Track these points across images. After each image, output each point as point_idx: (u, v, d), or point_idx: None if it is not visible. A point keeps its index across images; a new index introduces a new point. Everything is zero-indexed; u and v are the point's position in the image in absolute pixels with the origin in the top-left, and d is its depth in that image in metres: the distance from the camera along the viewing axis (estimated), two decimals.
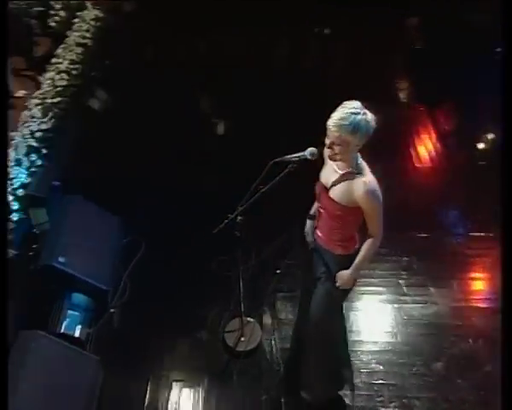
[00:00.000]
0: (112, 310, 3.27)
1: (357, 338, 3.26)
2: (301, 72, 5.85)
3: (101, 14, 5.43)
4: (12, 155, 3.75)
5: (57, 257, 3.06)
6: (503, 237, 2.22)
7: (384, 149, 3.86)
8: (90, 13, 5.44)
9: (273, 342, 3.21)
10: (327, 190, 2.32)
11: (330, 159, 2.25)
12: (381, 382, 3.04)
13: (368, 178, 2.23)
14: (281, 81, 5.40)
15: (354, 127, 2.08)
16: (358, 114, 2.09)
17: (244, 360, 3.08)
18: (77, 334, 3.02)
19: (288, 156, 2.32)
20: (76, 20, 5.27)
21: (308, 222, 2.64)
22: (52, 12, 5.57)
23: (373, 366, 3.13)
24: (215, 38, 6.21)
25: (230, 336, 3.17)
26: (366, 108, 2.14)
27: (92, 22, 5.27)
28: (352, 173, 2.23)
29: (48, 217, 3.46)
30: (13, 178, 3.54)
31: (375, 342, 3.28)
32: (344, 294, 2.58)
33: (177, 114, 4.90)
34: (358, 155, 2.26)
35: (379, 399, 2.94)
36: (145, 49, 6.13)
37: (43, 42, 5.55)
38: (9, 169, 3.63)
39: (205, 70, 5.63)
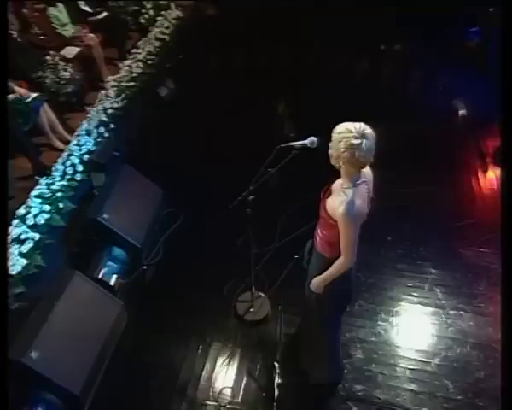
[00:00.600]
0: (144, 267, 3.66)
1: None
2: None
3: (182, 15, 5.94)
4: (85, 125, 4.30)
5: (102, 213, 3.49)
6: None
7: None
8: (173, 13, 5.97)
9: (279, 320, 3.39)
10: (326, 197, 2.41)
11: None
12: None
13: (350, 200, 2.24)
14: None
15: (340, 143, 2.17)
16: (347, 134, 2.15)
17: (250, 329, 3.31)
18: (111, 282, 3.43)
19: (292, 143, 2.51)
20: (159, 17, 5.82)
21: None
22: (143, 10, 6.18)
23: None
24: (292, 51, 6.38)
25: (241, 305, 3.41)
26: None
27: (173, 21, 5.80)
28: (343, 190, 2.29)
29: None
30: (82, 145, 4.07)
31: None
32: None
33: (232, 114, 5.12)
34: (363, 173, 2.31)
35: None
36: (216, 50, 6.51)
37: (133, 36, 6.17)
38: (79, 137, 4.17)
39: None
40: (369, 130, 2.19)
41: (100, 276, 3.36)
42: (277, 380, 3.01)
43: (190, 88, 5.38)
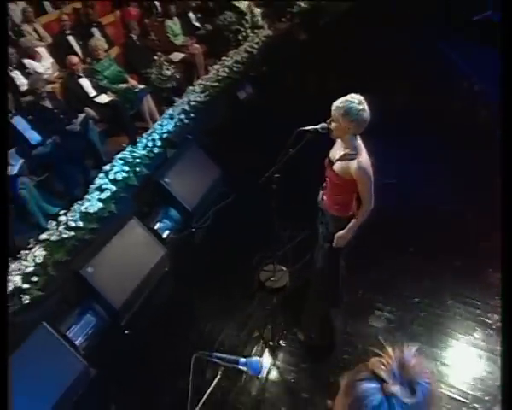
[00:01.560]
0: (193, 229, 4.18)
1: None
2: None
3: (272, 34, 6.51)
4: (169, 111, 4.99)
5: (164, 178, 4.09)
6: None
7: None
8: (265, 32, 6.57)
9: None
10: (332, 163, 2.75)
11: (330, 135, 2.71)
12: None
13: (362, 158, 2.60)
14: None
15: (345, 111, 2.51)
16: (353, 103, 2.50)
17: (268, 294, 3.66)
18: (164, 235, 3.99)
19: (307, 127, 2.86)
20: (252, 34, 6.45)
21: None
22: (242, 29, 6.87)
23: None
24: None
25: (264, 274, 3.76)
26: None
27: (263, 38, 6.38)
28: (351, 154, 2.63)
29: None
30: (163, 126, 4.74)
31: None
32: (337, 250, 2.96)
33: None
34: (357, 137, 2.66)
35: None
36: (296, 70, 6.93)
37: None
38: (163, 119, 4.86)
39: None
40: (361, 97, 2.55)
41: (155, 227, 3.94)
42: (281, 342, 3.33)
43: (265, 96, 5.87)
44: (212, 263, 3.93)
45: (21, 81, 5.41)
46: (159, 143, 4.49)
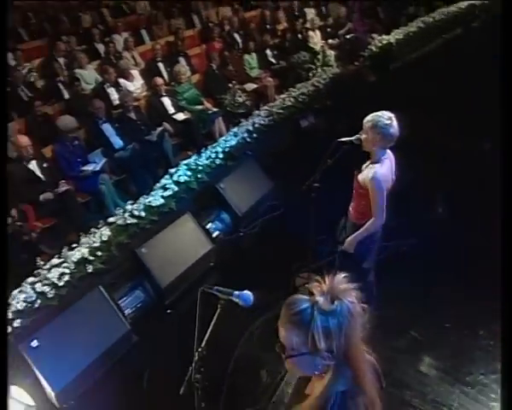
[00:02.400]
0: (241, 233, 4.47)
1: None
2: None
3: (339, 72, 6.83)
4: (235, 129, 5.42)
5: (220, 183, 4.47)
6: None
7: None
8: (333, 70, 6.91)
9: None
10: (358, 173, 2.94)
11: (362, 146, 2.89)
12: None
13: (378, 169, 2.74)
14: None
15: (373, 124, 2.71)
16: (382, 117, 2.70)
17: None
18: (213, 235, 4.33)
19: (344, 139, 3.07)
20: (320, 70, 6.81)
21: None
22: (313, 66, 7.28)
23: None
24: None
25: (299, 280, 3.93)
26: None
27: (331, 75, 6.71)
28: (372, 163, 2.81)
29: None
30: (227, 141, 5.16)
31: None
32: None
33: None
34: (387, 152, 2.82)
35: None
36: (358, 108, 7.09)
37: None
38: (228, 136, 5.28)
39: None
40: (392, 115, 2.73)
41: (207, 226, 4.29)
42: None
43: (327, 127, 6.13)
44: (254, 264, 4.16)
45: (114, 96, 6.18)
46: (221, 156, 4.89)
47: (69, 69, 6.49)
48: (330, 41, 8.51)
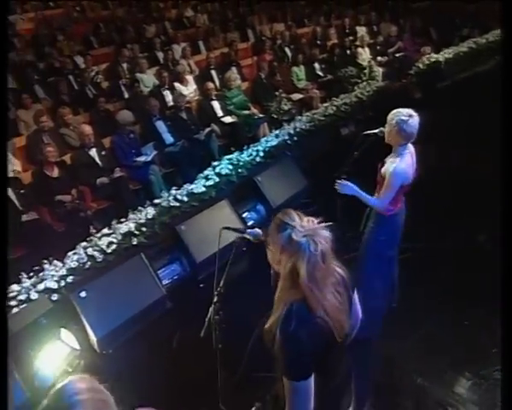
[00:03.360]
0: None
1: None
2: None
3: (383, 86, 7.05)
4: (276, 132, 5.77)
5: (257, 176, 4.81)
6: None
7: None
8: (378, 83, 7.15)
9: None
10: (381, 166, 3.13)
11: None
12: None
13: (398, 164, 2.95)
14: None
15: (392, 118, 2.93)
16: (401, 113, 2.91)
17: None
18: (248, 223, 4.66)
19: (369, 131, 3.31)
20: (364, 84, 7.07)
21: None
22: (359, 81, 7.54)
23: None
24: None
25: None
26: None
27: (375, 88, 6.95)
28: (394, 157, 3.02)
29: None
30: (268, 142, 5.51)
31: None
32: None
33: None
34: (408, 146, 3.02)
35: None
36: None
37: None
38: (269, 137, 5.63)
39: None
40: (414, 113, 2.92)
41: (243, 215, 4.64)
42: None
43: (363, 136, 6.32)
44: None
45: (169, 98, 6.74)
46: (261, 154, 5.25)
47: (131, 73, 7.16)
48: (379, 58, 8.74)
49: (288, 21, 9.85)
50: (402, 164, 2.99)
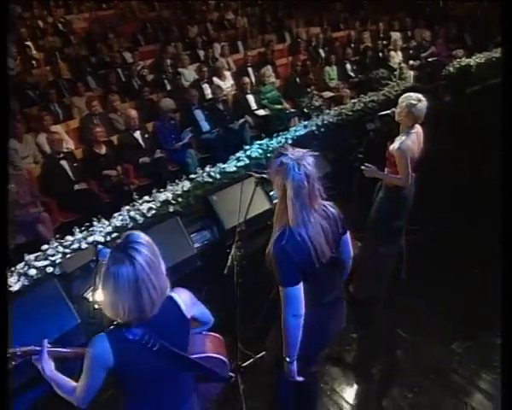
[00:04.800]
0: None
1: None
2: None
3: (411, 85, 7.38)
4: (304, 122, 6.21)
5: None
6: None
7: None
8: (406, 83, 7.48)
9: None
10: (390, 144, 3.50)
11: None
12: None
13: (404, 141, 3.32)
14: None
15: (402, 100, 3.34)
16: (411, 97, 3.29)
17: None
18: (274, 201, 5.10)
19: (383, 112, 3.71)
20: (393, 83, 7.41)
21: None
22: (389, 82, 7.88)
23: None
24: None
25: None
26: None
27: (403, 87, 7.27)
28: (400, 136, 3.41)
29: None
30: (296, 131, 5.96)
31: None
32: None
33: None
34: (416, 127, 3.39)
35: None
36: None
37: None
38: (298, 127, 6.08)
39: None
40: (423, 98, 3.30)
41: (270, 193, 5.10)
42: None
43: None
44: None
45: (208, 91, 7.31)
46: (289, 141, 5.69)
47: (173, 68, 7.79)
48: (411, 62, 9.04)
49: (324, 25, 10.30)
50: (407, 141, 3.36)
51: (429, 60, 9.23)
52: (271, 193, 4.99)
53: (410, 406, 3.11)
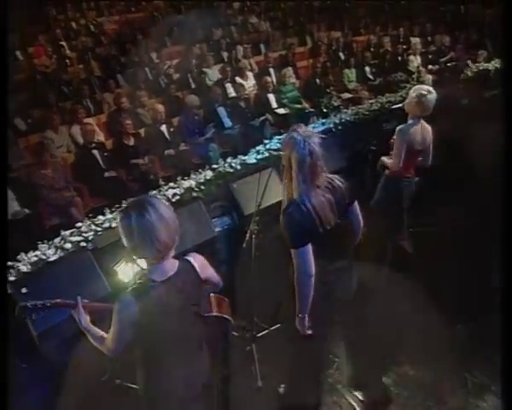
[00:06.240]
0: None
1: None
2: None
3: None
4: (323, 120, 6.49)
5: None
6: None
7: None
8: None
9: None
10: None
11: None
12: None
13: (404, 126, 3.60)
14: None
15: (413, 92, 3.59)
16: (422, 88, 3.53)
17: None
18: None
19: (396, 106, 3.96)
20: (410, 85, 7.63)
21: None
22: (407, 85, 8.10)
23: None
24: None
25: None
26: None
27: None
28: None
29: None
30: (314, 128, 6.24)
31: None
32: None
33: None
34: (421, 120, 3.62)
35: None
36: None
37: None
38: (315, 124, 6.36)
39: None
40: (433, 91, 3.55)
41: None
42: None
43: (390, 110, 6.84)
44: None
45: (230, 90, 7.67)
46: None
47: (198, 68, 8.17)
48: (430, 66, 9.23)
49: (345, 30, 10.57)
50: (408, 127, 3.60)
51: (448, 65, 9.40)
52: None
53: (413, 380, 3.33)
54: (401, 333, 3.73)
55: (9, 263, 3.75)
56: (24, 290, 3.47)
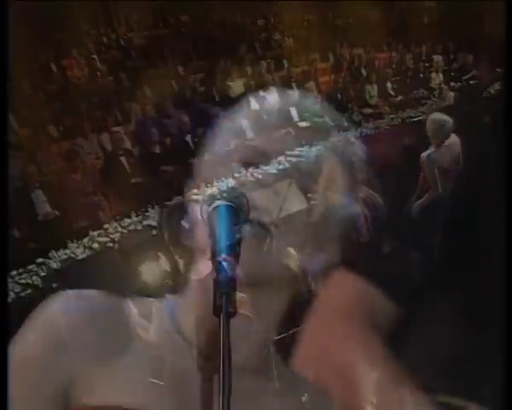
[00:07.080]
0: None
1: None
2: None
3: (450, 104, 7.65)
4: (344, 133, 6.62)
5: None
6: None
7: None
8: (445, 103, 7.76)
9: None
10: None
11: None
12: None
13: (430, 152, 3.77)
14: None
15: (430, 120, 3.72)
16: (437, 117, 3.69)
17: None
18: None
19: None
20: (431, 102, 7.72)
21: None
22: (428, 102, 8.19)
23: None
24: None
25: None
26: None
27: (441, 106, 7.56)
28: (430, 147, 3.80)
29: None
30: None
31: None
32: None
33: None
34: (444, 143, 3.77)
35: None
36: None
37: None
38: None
39: None
40: (451, 121, 3.65)
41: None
42: None
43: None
44: None
45: (253, 103, 7.86)
46: None
47: (222, 82, 8.42)
48: (452, 84, 9.28)
49: (367, 47, 10.71)
50: (434, 153, 3.78)
51: (470, 83, 9.43)
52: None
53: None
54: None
55: (40, 260, 3.95)
56: (54, 285, 3.66)
